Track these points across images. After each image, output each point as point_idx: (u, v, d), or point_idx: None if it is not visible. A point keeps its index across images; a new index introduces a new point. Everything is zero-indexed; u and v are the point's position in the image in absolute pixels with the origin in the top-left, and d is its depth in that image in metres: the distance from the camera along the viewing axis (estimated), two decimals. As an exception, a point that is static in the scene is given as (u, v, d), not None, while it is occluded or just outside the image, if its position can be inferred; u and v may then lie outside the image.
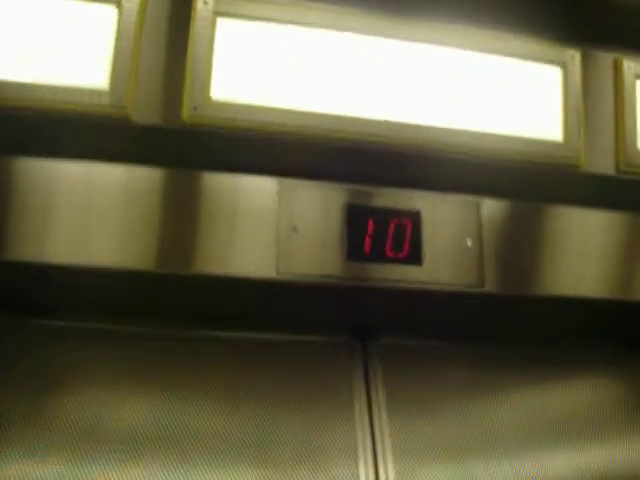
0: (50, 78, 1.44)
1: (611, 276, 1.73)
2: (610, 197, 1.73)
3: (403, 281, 1.59)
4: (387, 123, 1.54)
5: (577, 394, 1.77)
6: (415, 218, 1.62)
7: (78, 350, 1.59)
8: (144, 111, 1.48)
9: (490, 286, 1.64)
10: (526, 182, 1.67)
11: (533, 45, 1.67)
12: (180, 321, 1.66)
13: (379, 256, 1.58)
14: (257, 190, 1.57)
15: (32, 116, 1.43)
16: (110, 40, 1.46)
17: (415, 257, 1.60)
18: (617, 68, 1.72)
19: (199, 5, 1.50)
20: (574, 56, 1.69)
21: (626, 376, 1.84)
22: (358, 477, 1.49)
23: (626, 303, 1.73)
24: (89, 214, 1.49)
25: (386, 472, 1.52)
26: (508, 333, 1.80)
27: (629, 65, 1.71)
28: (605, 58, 1.73)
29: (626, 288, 1.74)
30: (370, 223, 1.59)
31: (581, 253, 1.71)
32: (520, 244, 1.68)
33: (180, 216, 1.54)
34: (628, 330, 1.86)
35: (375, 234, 1.59)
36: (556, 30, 1.70)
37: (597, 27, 1.72)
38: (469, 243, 1.64)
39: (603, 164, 1.68)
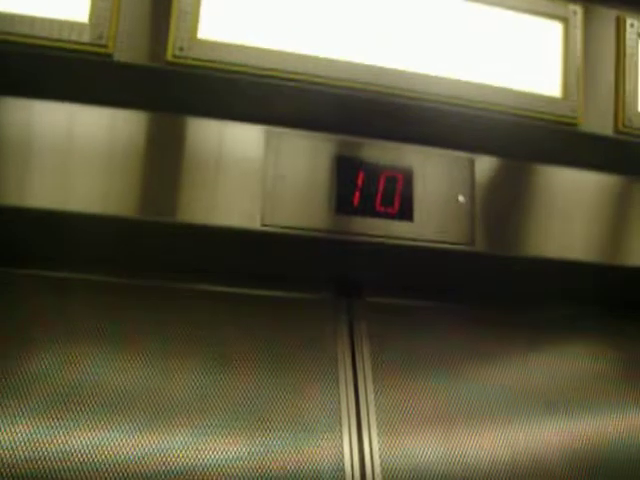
0: (25, 8, 1.36)
1: (603, 240, 1.70)
2: (606, 158, 1.68)
3: (393, 237, 1.54)
4: (381, 69, 1.48)
5: (563, 359, 1.75)
6: (407, 173, 1.57)
7: (58, 302, 1.53)
8: (126, 49, 1.41)
9: (480, 245, 1.60)
10: (522, 140, 1.62)
11: (535, -2, 1.62)
12: (162, 273, 1.61)
13: (368, 210, 1.53)
14: (244, 138, 1.51)
15: (5, 50, 1.35)
16: (91, -31, 1.38)
17: (406, 213, 1.55)
18: (619, 25, 1.67)
19: (187, -64, 1.42)
20: (576, 11, 1.64)
21: (611, 341, 1.81)
22: (341, 440, 1.46)
23: (621, 268, 1.70)
24: (69, 158, 1.43)
25: (369, 435, 1.48)
26: (496, 295, 1.77)
27: (632, 23, 1.66)
28: (608, 15, 1.68)
29: (618, 253, 1.71)
30: (360, 176, 1.54)
31: (575, 216, 1.68)
32: (513, 204, 1.65)
33: (163, 162, 1.48)
34: (614, 294, 1.84)
35: (365, 187, 1.54)
36: (558, -16, 1.64)
37: (600, -18, 1.67)
38: (461, 200, 1.60)
39: (601, 124, 1.64)
